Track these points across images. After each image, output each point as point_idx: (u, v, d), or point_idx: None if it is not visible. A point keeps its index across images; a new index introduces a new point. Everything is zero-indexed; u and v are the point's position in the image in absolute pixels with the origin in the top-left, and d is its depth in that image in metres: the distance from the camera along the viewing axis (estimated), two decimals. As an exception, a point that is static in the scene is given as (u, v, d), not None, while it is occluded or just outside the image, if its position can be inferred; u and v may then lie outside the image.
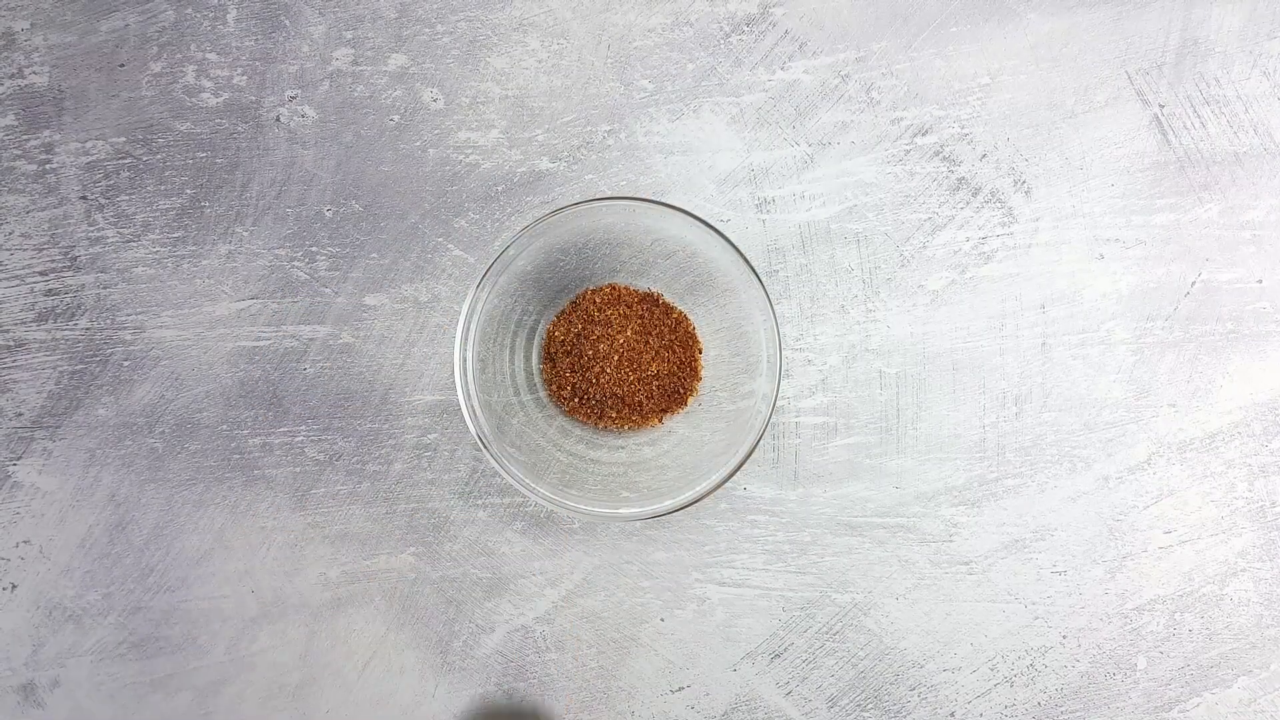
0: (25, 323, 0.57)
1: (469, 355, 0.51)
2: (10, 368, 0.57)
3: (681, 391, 0.56)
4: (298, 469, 0.57)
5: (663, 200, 0.51)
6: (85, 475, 0.56)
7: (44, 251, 0.57)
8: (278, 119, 0.58)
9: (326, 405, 0.57)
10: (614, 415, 0.55)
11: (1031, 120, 0.58)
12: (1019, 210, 0.58)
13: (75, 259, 0.57)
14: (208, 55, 0.58)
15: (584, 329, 0.55)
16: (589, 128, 0.58)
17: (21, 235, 0.57)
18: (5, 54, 0.58)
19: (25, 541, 0.56)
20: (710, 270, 0.54)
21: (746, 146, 0.58)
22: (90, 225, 0.57)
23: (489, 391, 0.53)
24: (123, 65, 0.58)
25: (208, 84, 0.58)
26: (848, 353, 0.57)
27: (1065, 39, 0.58)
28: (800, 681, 0.56)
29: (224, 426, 0.57)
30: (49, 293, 0.57)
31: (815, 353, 0.57)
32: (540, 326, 0.56)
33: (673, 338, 0.56)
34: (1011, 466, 0.57)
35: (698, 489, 0.51)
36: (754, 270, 0.51)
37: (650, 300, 0.56)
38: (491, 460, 0.51)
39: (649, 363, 0.55)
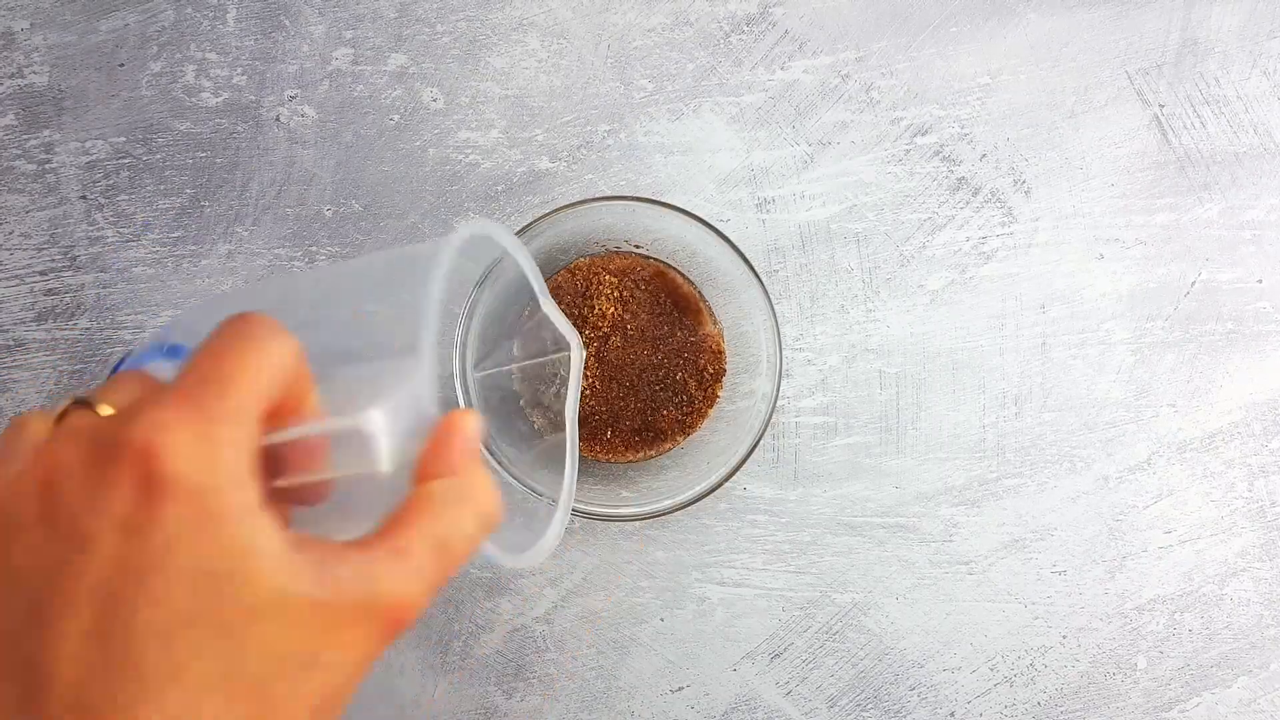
0: (25, 322, 0.57)
1: (469, 357, 0.51)
2: (10, 368, 0.57)
3: (694, 419, 0.55)
4: (298, 469, 0.57)
5: (663, 200, 0.51)
6: (85, 475, 0.56)
7: (44, 251, 0.57)
8: (278, 119, 0.58)
9: (326, 405, 0.57)
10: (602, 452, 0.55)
11: (1031, 120, 0.58)
12: (1019, 210, 0.58)
13: (75, 259, 0.57)
14: (208, 55, 0.58)
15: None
16: (589, 128, 0.58)
17: (21, 235, 0.57)
18: (5, 54, 0.58)
19: (25, 541, 0.56)
20: (710, 270, 0.54)
21: (746, 146, 0.58)
22: (90, 225, 0.57)
23: (489, 391, 0.53)
24: (123, 65, 0.58)
25: (207, 84, 0.58)
26: (848, 353, 0.57)
27: (1065, 39, 0.58)
28: (800, 681, 0.56)
29: (224, 426, 0.57)
30: (49, 292, 0.57)
31: (815, 353, 0.57)
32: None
33: (694, 348, 0.55)
34: (1011, 466, 0.57)
35: (698, 489, 0.51)
36: (754, 270, 0.51)
37: (672, 291, 0.55)
38: (491, 460, 0.51)
39: (656, 392, 0.54)
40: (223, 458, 0.23)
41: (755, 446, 0.51)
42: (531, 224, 0.50)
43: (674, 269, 0.55)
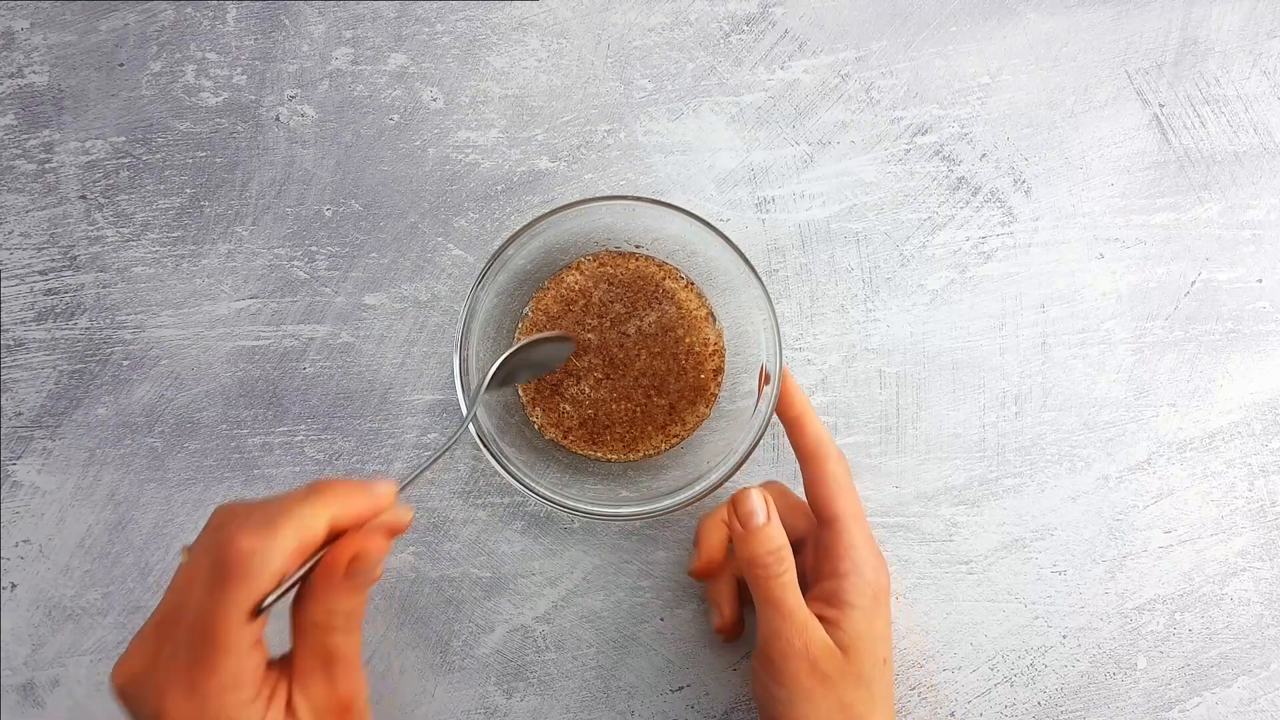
0: (25, 322, 0.57)
1: (469, 355, 0.51)
2: (10, 367, 0.57)
3: (694, 419, 0.55)
4: (297, 469, 0.57)
5: (663, 200, 0.51)
6: (85, 475, 0.56)
7: (44, 251, 0.57)
8: (277, 118, 0.58)
9: (326, 405, 0.57)
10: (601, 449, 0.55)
11: (1031, 120, 0.58)
12: (1019, 210, 0.58)
13: (75, 258, 0.57)
14: (207, 55, 0.58)
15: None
16: (589, 127, 0.58)
17: (21, 235, 0.57)
18: (5, 53, 0.58)
19: (25, 541, 0.56)
20: (710, 270, 0.54)
21: (746, 146, 0.58)
22: (90, 225, 0.57)
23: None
24: (122, 65, 0.58)
25: (207, 83, 0.58)
26: (848, 352, 0.57)
27: (1065, 38, 0.58)
28: (800, 681, 0.56)
29: (224, 426, 0.57)
30: (49, 292, 0.57)
31: (815, 352, 0.57)
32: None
33: (680, 350, 0.55)
34: (1011, 466, 0.57)
35: (698, 489, 0.51)
36: (754, 270, 0.51)
37: (651, 290, 0.56)
38: (491, 460, 0.51)
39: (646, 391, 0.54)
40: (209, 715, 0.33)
41: (755, 446, 0.50)
42: (531, 224, 0.50)
43: (674, 269, 0.55)
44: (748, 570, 0.46)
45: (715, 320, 0.55)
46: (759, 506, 0.46)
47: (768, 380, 0.50)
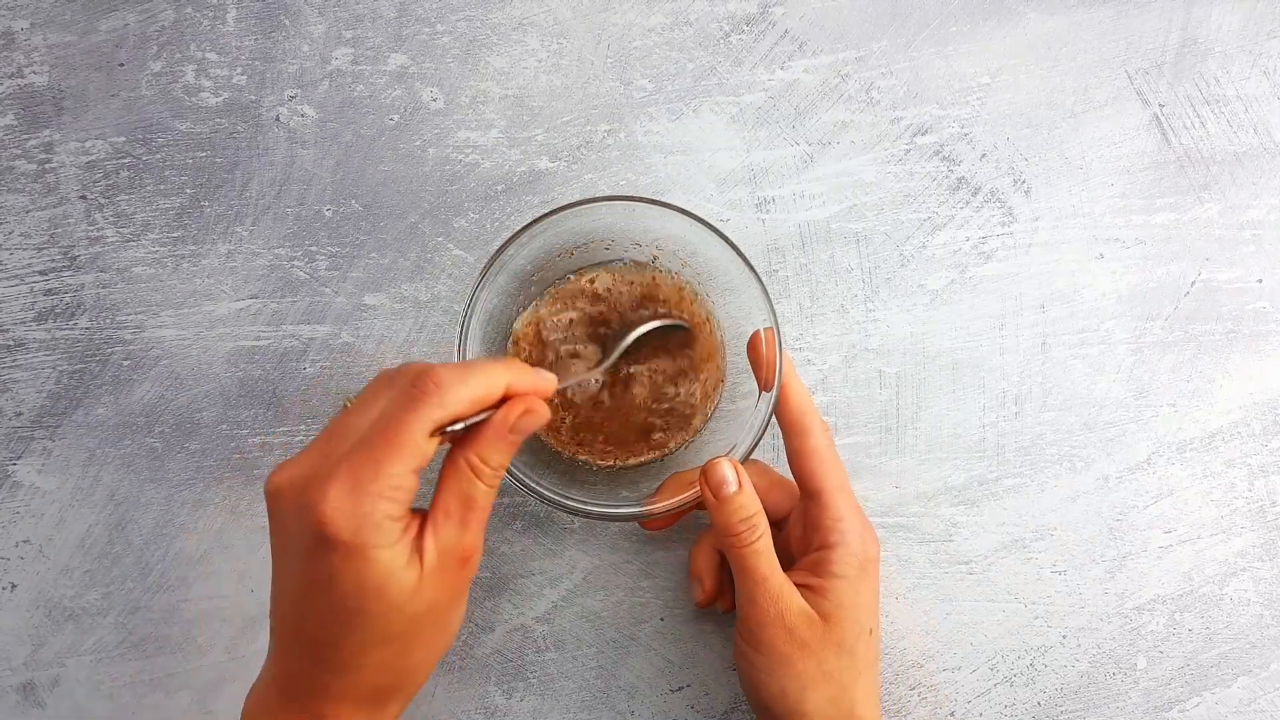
0: (25, 322, 0.57)
1: (469, 355, 0.51)
2: (10, 368, 0.57)
3: (694, 422, 0.55)
4: (297, 469, 0.57)
5: (663, 200, 0.51)
6: (85, 475, 0.56)
7: (44, 251, 0.57)
8: (277, 119, 0.58)
9: (326, 405, 0.57)
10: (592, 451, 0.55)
11: (1031, 120, 0.58)
12: (1019, 210, 0.58)
13: (75, 258, 0.57)
14: (207, 55, 0.58)
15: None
16: (589, 127, 0.58)
17: (21, 235, 0.57)
18: (5, 54, 0.58)
19: (25, 541, 0.56)
20: (710, 270, 0.54)
21: (746, 146, 0.58)
22: (90, 225, 0.57)
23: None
24: (122, 65, 0.58)
25: (207, 83, 0.58)
26: (848, 352, 0.57)
27: (1065, 39, 0.58)
28: (800, 681, 0.56)
29: (224, 426, 0.57)
30: (49, 292, 0.57)
31: (815, 352, 0.57)
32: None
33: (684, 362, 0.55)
34: (1011, 466, 0.57)
35: (697, 489, 0.51)
36: (754, 270, 0.51)
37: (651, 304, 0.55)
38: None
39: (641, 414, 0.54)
40: (368, 523, 0.36)
41: (755, 446, 0.50)
42: (531, 224, 0.50)
43: (673, 273, 0.55)
44: (723, 540, 0.47)
45: (715, 321, 0.55)
46: (730, 476, 0.47)
47: (768, 346, 0.50)
